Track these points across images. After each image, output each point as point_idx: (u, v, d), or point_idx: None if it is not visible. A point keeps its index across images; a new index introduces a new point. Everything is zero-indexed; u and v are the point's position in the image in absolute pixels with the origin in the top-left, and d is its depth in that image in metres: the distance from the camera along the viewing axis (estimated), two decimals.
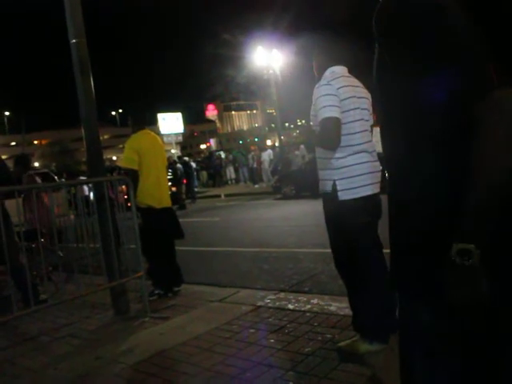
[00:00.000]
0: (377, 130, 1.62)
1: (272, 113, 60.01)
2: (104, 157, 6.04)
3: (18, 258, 5.05)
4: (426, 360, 1.41)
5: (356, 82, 3.43)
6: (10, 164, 7.01)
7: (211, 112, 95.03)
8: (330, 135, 3.22)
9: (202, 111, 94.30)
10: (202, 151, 63.75)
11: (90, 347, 4.20)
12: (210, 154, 34.89)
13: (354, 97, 3.31)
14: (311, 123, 3.47)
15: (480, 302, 1.26)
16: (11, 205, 4.85)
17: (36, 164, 58.73)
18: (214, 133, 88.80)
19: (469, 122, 1.23)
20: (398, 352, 1.55)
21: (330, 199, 3.30)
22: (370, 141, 3.37)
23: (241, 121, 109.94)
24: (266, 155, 26.03)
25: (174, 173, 18.37)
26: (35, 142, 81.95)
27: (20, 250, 5.14)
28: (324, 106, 3.21)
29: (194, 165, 29.40)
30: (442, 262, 1.26)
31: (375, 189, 3.32)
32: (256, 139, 63.40)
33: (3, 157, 6.31)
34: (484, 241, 1.23)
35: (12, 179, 5.27)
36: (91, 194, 5.89)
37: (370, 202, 3.29)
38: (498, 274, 1.27)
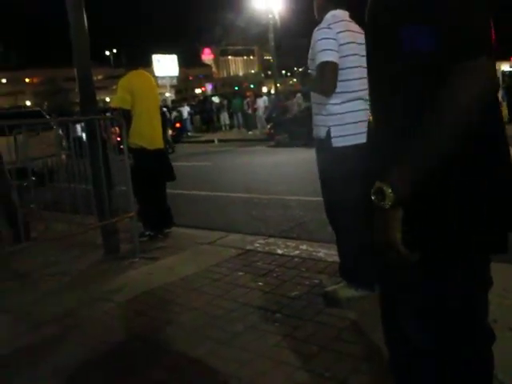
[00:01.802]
0: None
1: (269, 59, 59.00)
2: (97, 98, 5.94)
3: (9, 195, 5.04)
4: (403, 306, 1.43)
5: (357, 27, 3.32)
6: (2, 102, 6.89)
7: (207, 56, 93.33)
8: (327, 80, 3.16)
9: (198, 55, 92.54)
10: (196, 96, 62.96)
11: (79, 285, 4.26)
12: (205, 98, 34.53)
13: (354, 42, 3.22)
14: (308, 68, 3.40)
15: (391, 244, 1.26)
16: (2, 143, 4.80)
17: (28, 103, 57.94)
18: (209, 77, 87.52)
19: (438, 80, 1.20)
20: (379, 298, 1.58)
21: (324, 146, 3.27)
22: (367, 88, 3.32)
23: (237, 66, 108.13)
24: (262, 102, 25.79)
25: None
26: (27, 80, 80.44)
27: (11, 187, 5.12)
28: (322, 50, 3.14)
29: (187, 109, 29.16)
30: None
31: None
32: (252, 86, 62.62)
33: None
34: (404, 189, 1.23)
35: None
36: (84, 136, 5.84)
37: (364, 150, 3.27)
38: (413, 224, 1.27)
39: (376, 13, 1.36)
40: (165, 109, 20.49)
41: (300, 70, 3.56)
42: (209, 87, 58.40)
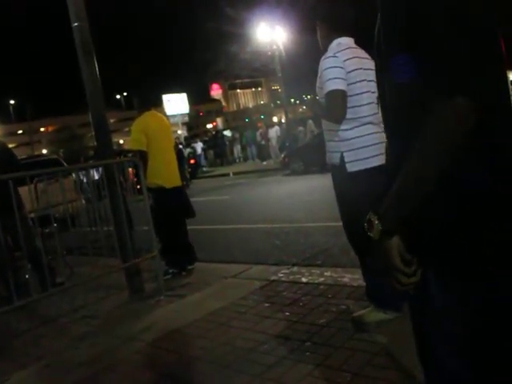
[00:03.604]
0: None
1: (277, 89, 59.48)
2: None
3: (33, 243, 5.13)
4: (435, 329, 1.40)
5: (363, 53, 3.39)
6: (18, 152, 7.03)
7: (216, 91, 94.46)
8: (336, 108, 3.21)
9: (207, 91, 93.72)
10: (208, 131, 63.52)
11: (108, 327, 4.29)
12: (217, 133, 34.93)
13: (361, 68, 3.28)
14: (317, 96, 3.46)
15: (394, 268, 1.26)
16: (24, 191, 4.91)
17: (44, 151, 58.95)
18: (220, 112, 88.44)
19: (420, 112, 1.17)
20: (410, 319, 1.55)
21: (339, 171, 3.31)
22: (377, 113, 3.35)
23: (246, 99, 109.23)
24: (274, 132, 26.02)
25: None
26: (42, 130, 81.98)
27: (35, 235, 5.21)
28: (330, 79, 3.19)
29: (200, 145, 29.52)
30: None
31: (382, 160, 3.31)
32: (262, 116, 63.08)
33: (10, 146, 6.37)
34: (390, 222, 1.24)
35: (22, 168, 5.33)
36: (100, 178, 5.93)
37: (378, 172, 3.29)
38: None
39: (378, 41, 1.37)
40: (181, 146, 20.77)
41: (309, 97, 3.63)
42: (219, 122, 58.93)
